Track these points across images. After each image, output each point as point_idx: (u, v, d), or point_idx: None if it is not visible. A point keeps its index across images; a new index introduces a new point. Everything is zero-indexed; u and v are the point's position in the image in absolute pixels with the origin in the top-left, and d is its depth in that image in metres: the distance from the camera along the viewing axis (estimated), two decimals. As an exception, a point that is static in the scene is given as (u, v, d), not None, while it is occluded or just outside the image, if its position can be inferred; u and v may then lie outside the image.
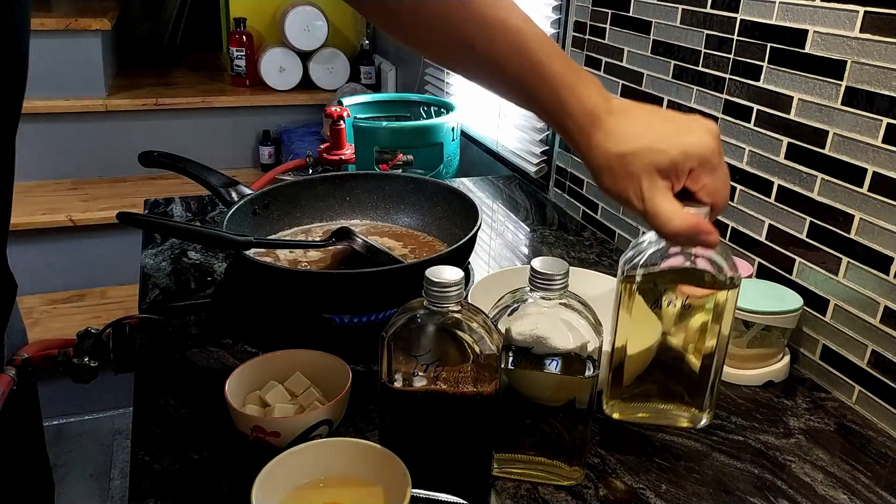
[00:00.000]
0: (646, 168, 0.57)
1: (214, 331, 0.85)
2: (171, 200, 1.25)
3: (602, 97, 0.59)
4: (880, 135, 0.72)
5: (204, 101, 2.40)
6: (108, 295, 2.27)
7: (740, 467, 0.66)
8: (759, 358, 0.79)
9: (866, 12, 0.72)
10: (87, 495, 1.89)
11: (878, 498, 0.64)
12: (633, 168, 0.57)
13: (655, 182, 0.57)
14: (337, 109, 1.54)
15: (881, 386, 0.74)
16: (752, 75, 0.87)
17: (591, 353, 0.57)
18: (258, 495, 0.53)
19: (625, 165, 0.57)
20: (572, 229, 1.20)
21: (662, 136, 0.57)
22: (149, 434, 0.68)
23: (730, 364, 0.79)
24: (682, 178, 0.57)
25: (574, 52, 1.25)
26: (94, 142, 2.34)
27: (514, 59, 0.59)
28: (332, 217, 1.04)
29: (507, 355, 0.58)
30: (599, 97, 0.58)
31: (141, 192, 2.26)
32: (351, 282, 0.80)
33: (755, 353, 0.79)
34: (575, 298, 0.58)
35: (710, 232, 0.57)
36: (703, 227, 0.57)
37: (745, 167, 0.89)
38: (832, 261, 0.78)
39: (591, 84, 0.59)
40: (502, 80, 0.61)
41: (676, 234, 0.57)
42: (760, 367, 0.79)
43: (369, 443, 0.59)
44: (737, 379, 0.79)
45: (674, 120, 0.58)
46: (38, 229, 2.09)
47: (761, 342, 0.79)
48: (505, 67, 0.59)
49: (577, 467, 0.63)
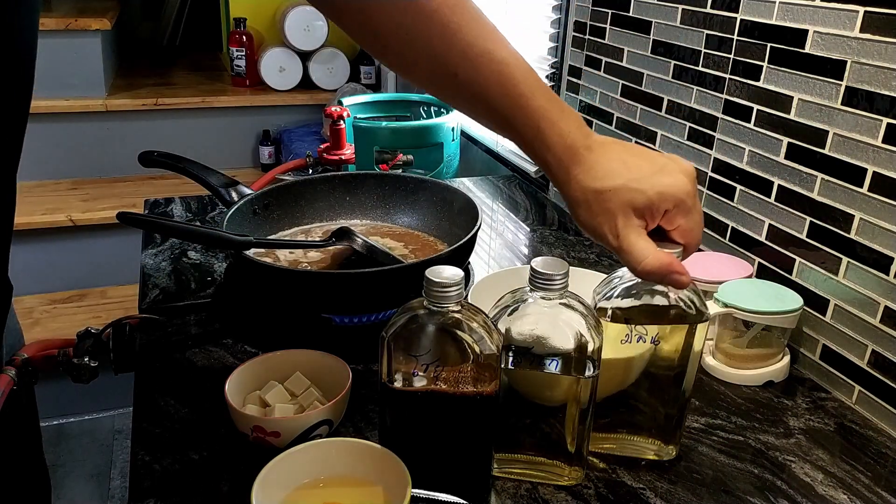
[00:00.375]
0: (622, 206, 0.57)
1: (214, 331, 0.85)
2: (171, 200, 1.25)
3: (582, 133, 0.59)
4: (880, 135, 0.72)
5: (204, 101, 2.40)
6: (108, 295, 2.27)
7: (740, 467, 0.66)
8: (759, 358, 0.79)
9: (866, 12, 0.72)
10: (87, 495, 1.89)
11: (878, 498, 0.64)
12: (609, 205, 0.58)
13: (630, 220, 0.57)
14: (337, 109, 1.54)
15: (881, 386, 0.74)
16: (752, 75, 0.87)
17: (591, 353, 0.57)
18: (258, 495, 0.53)
19: (602, 202, 0.58)
20: (572, 229, 1.20)
21: (640, 175, 0.57)
22: (149, 434, 0.68)
23: (730, 364, 0.80)
24: (657, 217, 0.58)
25: (574, 51, 1.25)
26: (94, 142, 2.34)
27: (497, 90, 0.59)
28: (332, 217, 1.04)
29: (507, 355, 0.58)
30: (579, 133, 0.59)
31: (141, 192, 2.26)
32: (351, 282, 0.80)
33: (755, 353, 0.79)
34: (575, 298, 0.58)
35: (682, 273, 0.58)
36: (675, 268, 0.58)
37: (745, 167, 0.89)
38: (832, 261, 0.78)
39: (571, 120, 0.60)
40: (485, 109, 0.61)
41: (649, 272, 0.57)
42: (760, 366, 0.79)
43: (369, 443, 0.59)
44: (737, 379, 0.79)
45: (651, 159, 0.59)
46: (38, 229, 2.09)
47: (761, 342, 0.79)
48: (488, 98, 0.60)
49: (577, 467, 0.63)
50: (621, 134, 1.13)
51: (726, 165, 0.92)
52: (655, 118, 1.05)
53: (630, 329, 0.61)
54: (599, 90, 1.18)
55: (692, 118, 0.98)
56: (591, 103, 1.21)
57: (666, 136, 1.03)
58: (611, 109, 1.16)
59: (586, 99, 1.22)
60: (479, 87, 0.60)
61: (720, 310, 0.77)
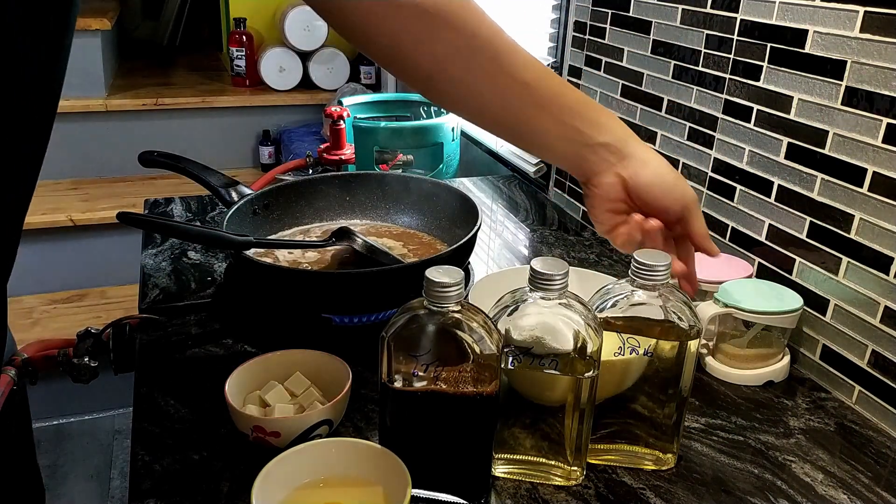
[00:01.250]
0: (691, 192, 0.66)
1: (214, 331, 0.85)
2: (171, 200, 1.25)
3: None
4: (880, 135, 0.72)
5: (204, 101, 2.40)
6: (108, 295, 2.27)
7: (740, 467, 0.66)
8: (759, 358, 0.79)
9: (866, 12, 0.72)
10: (87, 495, 1.89)
11: (878, 498, 0.64)
12: (685, 185, 0.66)
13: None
14: (337, 109, 1.54)
15: (881, 386, 0.74)
16: (752, 75, 0.87)
17: (591, 353, 0.57)
18: (258, 495, 0.53)
19: (680, 180, 0.66)
20: (572, 229, 1.20)
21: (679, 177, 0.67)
22: (149, 434, 0.68)
23: (730, 364, 0.80)
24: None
25: (574, 51, 1.25)
26: (94, 142, 2.34)
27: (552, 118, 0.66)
28: (332, 217, 1.04)
29: (507, 355, 0.58)
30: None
31: (141, 192, 2.26)
32: (351, 282, 0.80)
33: (755, 353, 0.79)
34: (575, 298, 0.58)
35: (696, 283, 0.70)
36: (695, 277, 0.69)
37: (745, 167, 0.89)
38: (832, 261, 0.78)
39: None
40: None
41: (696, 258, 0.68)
42: (760, 367, 0.79)
43: (369, 443, 0.59)
44: (737, 379, 0.79)
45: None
46: (38, 229, 2.09)
47: (761, 342, 0.79)
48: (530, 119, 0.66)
49: (577, 467, 0.63)
50: (621, 134, 1.13)
51: (726, 165, 0.92)
52: (655, 118, 1.05)
53: (623, 340, 0.61)
54: (599, 90, 1.18)
55: (692, 118, 0.98)
56: (591, 103, 1.21)
57: (666, 136, 1.03)
58: (611, 109, 1.16)
59: (586, 99, 1.22)
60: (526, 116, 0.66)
61: (720, 310, 0.77)
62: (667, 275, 0.59)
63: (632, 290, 0.61)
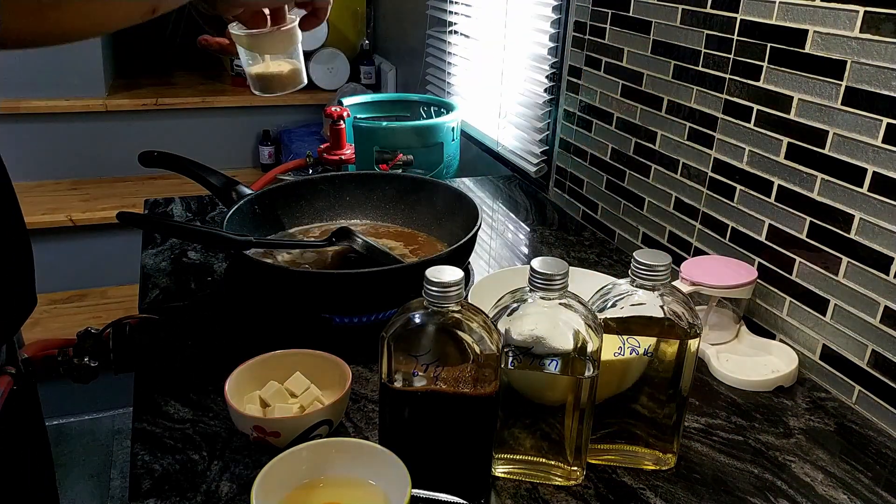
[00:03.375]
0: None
1: (214, 331, 0.85)
2: (171, 200, 1.25)
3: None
4: (880, 135, 0.72)
5: (204, 101, 2.40)
6: (108, 295, 2.27)
7: (740, 467, 0.66)
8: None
9: (866, 12, 0.72)
10: (87, 495, 1.89)
11: (878, 498, 0.64)
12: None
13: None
14: (337, 109, 1.54)
15: (881, 386, 0.74)
16: (752, 75, 0.87)
17: (591, 353, 0.57)
18: (258, 495, 0.53)
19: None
20: (572, 229, 1.20)
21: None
22: (149, 434, 0.68)
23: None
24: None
25: (574, 51, 1.25)
26: (94, 142, 2.34)
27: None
28: (332, 217, 1.04)
29: (507, 355, 0.58)
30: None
31: (141, 192, 2.26)
32: (351, 282, 0.80)
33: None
34: (575, 298, 0.58)
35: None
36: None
37: (745, 167, 0.89)
38: (832, 261, 0.78)
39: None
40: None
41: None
42: (761, 367, 0.79)
43: (369, 443, 0.59)
44: (747, 385, 0.78)
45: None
46: (38, 229, 2.09)
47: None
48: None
49: (577, 467, 0.63)
50: (621, 134, 1.13)
51: (726, 165, 0.92)
52: (655, 118, 1.05)
53: (623, 341, 0.61)
54: (599, 90, 1.18)
55: (692, 118, 0.98)
56: (591, 103, 1.21)
57: (666, 136, 1.03)
58: (611, 109, 1.16)
59: (586, 99, 1.22)
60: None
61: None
62: (667, 275, 0.59)
63: (632, 290, 0.61)
